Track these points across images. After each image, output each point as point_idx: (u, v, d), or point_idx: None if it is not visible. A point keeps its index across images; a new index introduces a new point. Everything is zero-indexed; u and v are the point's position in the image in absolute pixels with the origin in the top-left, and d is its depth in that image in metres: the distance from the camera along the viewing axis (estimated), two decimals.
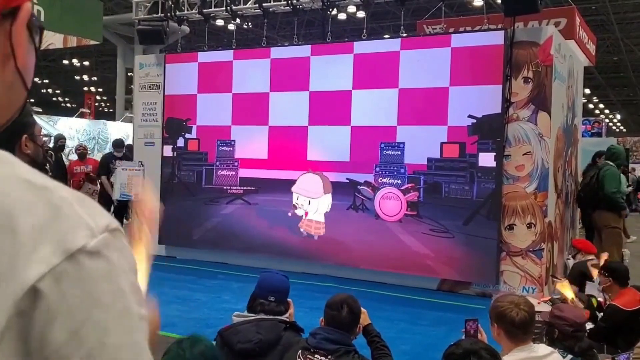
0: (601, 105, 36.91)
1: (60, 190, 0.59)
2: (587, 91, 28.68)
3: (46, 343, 0.52)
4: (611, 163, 8.21)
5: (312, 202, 7.93)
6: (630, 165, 17.69)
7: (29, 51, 0.69)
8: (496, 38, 6.97)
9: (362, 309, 3.12)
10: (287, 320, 3.02)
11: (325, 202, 7.85)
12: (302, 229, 7.99)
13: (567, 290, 4.81)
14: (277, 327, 2.92)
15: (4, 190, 0.56)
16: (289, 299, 3.14)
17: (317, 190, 7.89)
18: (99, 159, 10.82)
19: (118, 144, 10.42)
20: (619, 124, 45.69)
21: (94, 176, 10.19)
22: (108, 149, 12.98)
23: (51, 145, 10.73)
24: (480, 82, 7.00)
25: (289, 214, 8.06)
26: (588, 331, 4.28)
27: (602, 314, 4.89)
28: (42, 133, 2.07)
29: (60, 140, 11.00)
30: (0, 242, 0.53)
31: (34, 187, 0.58)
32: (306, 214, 7.98)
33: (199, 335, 2.16)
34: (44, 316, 0.52)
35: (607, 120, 34.82)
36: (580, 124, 9.97)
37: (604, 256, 6.11)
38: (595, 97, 34.00)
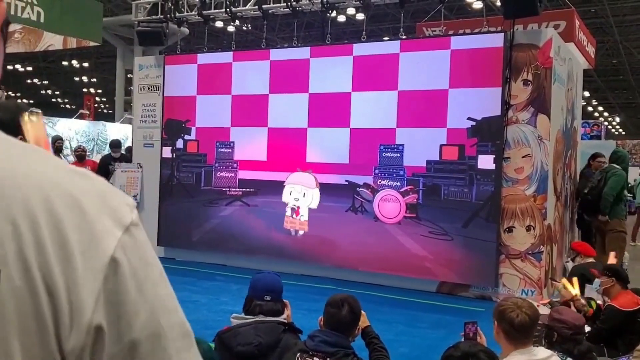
0: (600, 108, 36.93)
1: (95, 176, 0.69)
2: (587, 94, 28.70)
3: (125, 300, 0.64)
4: (617, 166, 8.19)
5: (307, 194, 7.94)
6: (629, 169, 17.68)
7: (0, 49, 0.73)
8: (496, 40, 6.97)
9: (362, 312, 3.11)
10: (286, 321, 3.01)
11: (316, 195, 7.89)
12: (290, 230, 8.01)
13: (570, 287, 4.78)
14: (276, 329, 2.91)
15: (61, 178, 0.65)
16: (285, 300, 3.13)
17: (310, 183, 7.93)
18: (97, 161, 10.82)
19: (115, 144, 10.44)
20: (618, 127, 45.72)
21: None
22: (107, 150, 12.97)
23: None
24: (479, 85, 7.00)
25: (287, 212, 8.07)
26: (587, 334, 4.28)
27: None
28: None
29: (57, 141, 10.99)
30: (77, 221, 0.63)
31: (79, 174, 0.67)
32: (297, 212, 7.97)
33: (196, 337, 2.14)
34: (121, 279, 0.64)
35: (606, 123, 34.80)
36: (580, 126, 9.97)
37: (612, 255, 6.08)
38: (594, 100, 34.03)
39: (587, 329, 4.37)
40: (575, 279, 4.77)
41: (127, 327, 0.64)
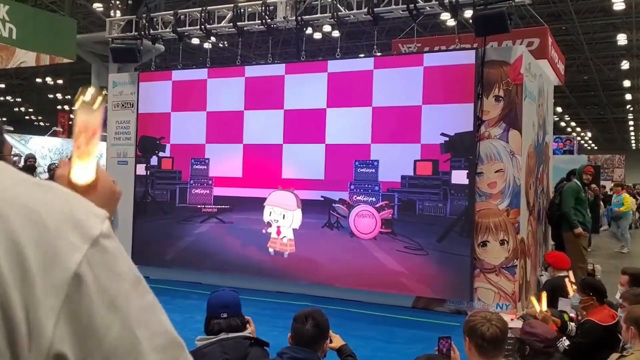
0: (573, 123, 37.61)
1: (61, 187, 0.68)
2: (559, 110, 29.21)
3: (92, 318, 0.61)
4: (576, 182, 8.43)
5: (287, 216, 7.90)
6: (601, 182, 17.97)
7: None
8: (467, 57, 7.06)
9: (335, 335, 3.10)
10: (251, 336, 2.99)
11: (298, 216, 7.85)
12: (270, 249, 7.95)
13: (536, 304, 4.80)
14: (242, 344, 2.89)
15: (19, 192, 0.63)
16: (248, 317, 3.12)
17: (291, 204, 7.89)
18: None
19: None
20: (590, 142, 46.58)
21: None
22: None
23: (21, 165, 10.56)
24: (452, 101, 7.08)
25: (263, 231, 8.02)
26: (566, 347, 4.30)
27: (572, 323, 4.93)
28: (12, 153, 2.03)
29: (29, 159, 10.83)
30: (36, 236, 0.60)
31: (44, 187, 0.65)
32: (278, 231, 7.93)
33: None
34: (86, 296, 0.61)
35: (578, 138, 35.45)
36: (552, 141, 10.13)
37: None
38: (567, 116, 34.64)
39: (566, 343, 4.39)
40: (543, 294, 4.78)
41: (96, 345, 0.61)
